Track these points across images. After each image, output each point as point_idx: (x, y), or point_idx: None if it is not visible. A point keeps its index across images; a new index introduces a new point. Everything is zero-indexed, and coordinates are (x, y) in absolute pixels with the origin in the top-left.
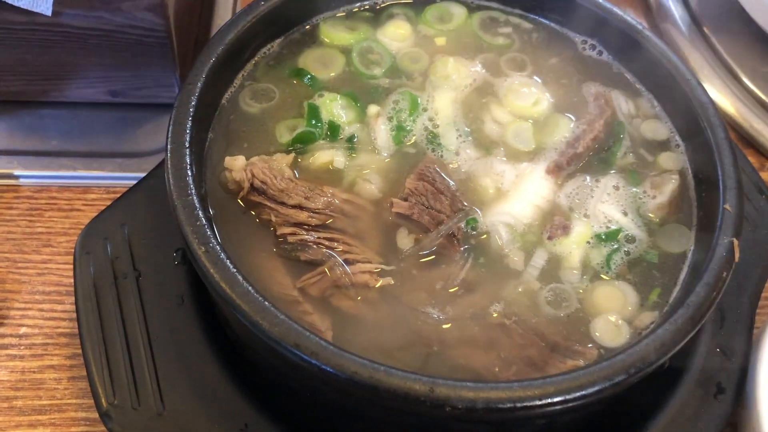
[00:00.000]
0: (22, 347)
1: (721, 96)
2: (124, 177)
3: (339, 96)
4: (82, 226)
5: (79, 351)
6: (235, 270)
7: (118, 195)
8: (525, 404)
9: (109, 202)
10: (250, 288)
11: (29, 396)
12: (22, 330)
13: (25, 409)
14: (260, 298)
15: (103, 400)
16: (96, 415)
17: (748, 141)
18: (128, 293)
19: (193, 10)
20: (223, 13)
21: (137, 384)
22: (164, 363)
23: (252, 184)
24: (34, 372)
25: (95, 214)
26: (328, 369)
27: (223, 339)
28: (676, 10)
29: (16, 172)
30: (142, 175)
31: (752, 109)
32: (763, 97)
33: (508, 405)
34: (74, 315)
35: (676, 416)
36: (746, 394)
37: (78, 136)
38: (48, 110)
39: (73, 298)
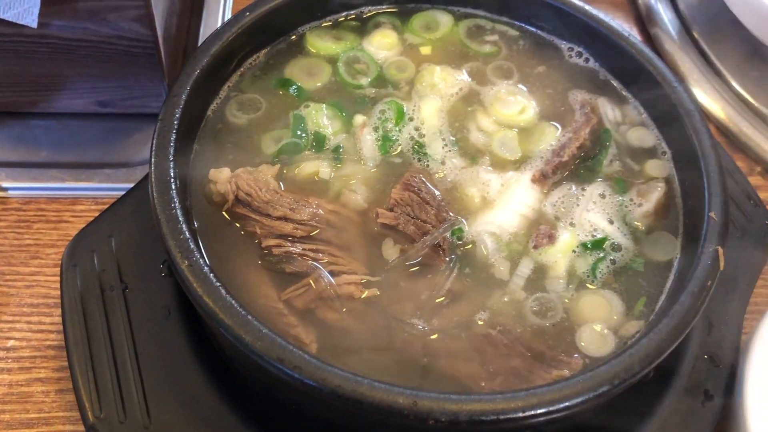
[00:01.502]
0: (9, 360)
1: (710, 100)
2: (113, 188)
3: (325, 106)
4: (71, 238)
5: (67, 364)
6: (218, 284)
7: (107, 206)
8: (508, 416)
9: (97, 213)
10: (233, 302)
11: (17, 409)
12: (10, 343)
13: (13, 422)
14: (243, 312)
15: (89, 414)
16: (83, 428)
17: (738, 146)
18: (115, 306)
19: (182, 20)
20: (212, 23)
21: (124, 397)
22: (151, 376)
23: (237, 196)
24: (21, 385)
25: (83, 226)
26: (311, 383)
27: (210, 351)
28: (666, 15)
29: (5, 184)
30: (131, 185)
31: (742, 114)
32: (752, 101)
33: (491, 417)
34: (62, 328)
35: (664, 424)
36: (734, 401)
37: (67, 146)
38: (37, 121)
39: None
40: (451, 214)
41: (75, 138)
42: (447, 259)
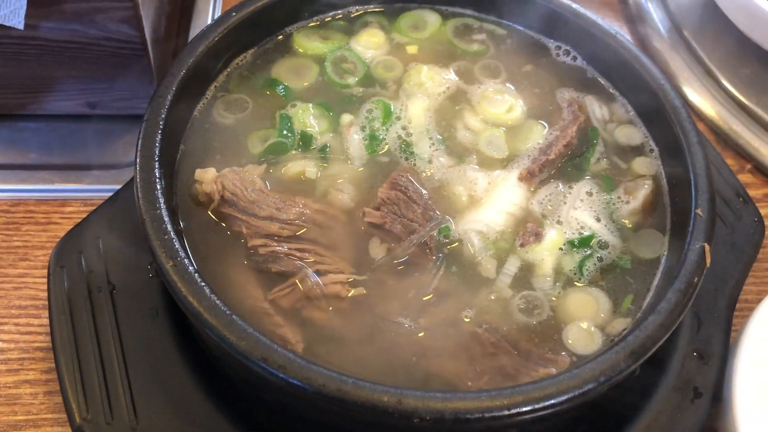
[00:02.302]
0: None
1: (701, 99)
2: (102, 189)
3: (312, 106)
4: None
5: (55, 366)
6: (203, 283)
7: (96, 207)
8: (493, 414)
9: (86, 215)
10: (217, 301)
11: (5, 412)
12: None
13: (0, 425)
14: (228, 312)
15: (76, 415)
16: (71, 430)
17: (728, 143)
18: (102, 307)
19: (171, 21)
20: (201, 24)
21: (111, 398)
22: (138, 377)
23: (222, 196)
24: (9, 387)
25: (71, 227)
26: (296, 382)
27: (198, 352)
28: (656, 14)
29: None
30: (120, 187)
31: (732, 112)
32: (742, 99)
33: (476, 415)
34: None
35: (653, 422)
36: (723, 398)
37: (56, 148)
38: (26, 123)
39: None
40: (437, 212)
41: (64, 140)
42: (434, 257)
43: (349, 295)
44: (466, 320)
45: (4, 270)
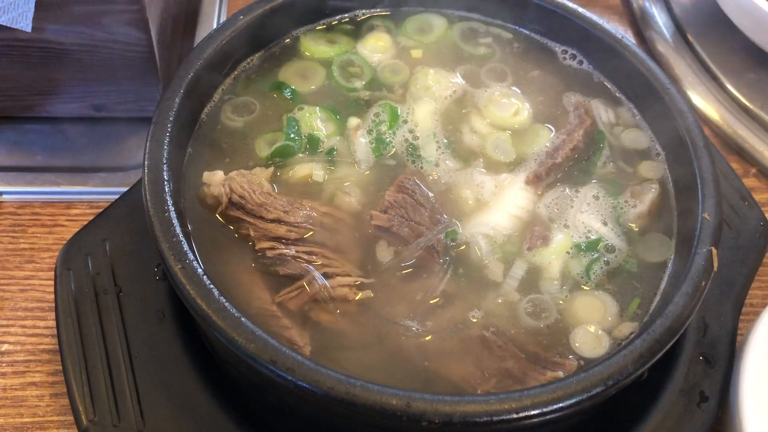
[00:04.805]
0: (3, 364)
1: (705, 103)
2: (108, 192)
3: (319, 109)
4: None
5: (61, 368)
6: (211, 286)
7: (102, 210)
8: (502, 418)
9: (92, 218)
10: (226, 304)
11: (11, 414)
12: (4, 347)
13: (7, 427)
14: (236, 314)
15: (83, 417)
16: None
17: (733, 147)
18: (109, 309)
19: (177, 24)
20: (207, 27)
21: (117, 400)
22: (145, 379)
23: (230, 199)
24: (15, 389)
25: (78, 230)
26: (304, 385)
27: (204, 354)
28: (660, 18)
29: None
30: (126, 189)
31: (736, 116)
32: (747, 103)
33: (485, 419)
34: (56, 331)
35: (659, 425)
36: (729, 402)
37: (62, 151)
38: (32, 125)
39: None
40: (444, 216)
41: (70, 142)
42: (441, 260)
43: (357, 298)
44: (474, 323)
45: (10, 272)
